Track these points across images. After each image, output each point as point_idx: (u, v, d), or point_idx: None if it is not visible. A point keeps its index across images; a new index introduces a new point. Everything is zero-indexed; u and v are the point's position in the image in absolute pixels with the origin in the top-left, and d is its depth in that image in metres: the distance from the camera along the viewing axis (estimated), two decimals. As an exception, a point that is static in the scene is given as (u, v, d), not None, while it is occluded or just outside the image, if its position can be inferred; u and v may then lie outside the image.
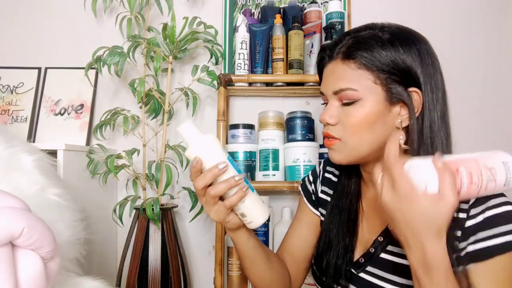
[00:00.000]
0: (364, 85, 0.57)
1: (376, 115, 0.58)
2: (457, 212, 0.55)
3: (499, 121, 1.29)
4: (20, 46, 1.30)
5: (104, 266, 1.17)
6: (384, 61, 0.57)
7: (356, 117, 0.58)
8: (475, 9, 1.31)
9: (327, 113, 0.61)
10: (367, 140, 0.59)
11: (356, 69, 0.58)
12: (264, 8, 1.23)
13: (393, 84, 0.57)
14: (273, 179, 1.11)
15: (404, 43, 0.57)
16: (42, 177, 0.70)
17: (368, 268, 0.62)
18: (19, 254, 0.48)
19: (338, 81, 0.59)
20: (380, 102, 0.57)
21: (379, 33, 0.58)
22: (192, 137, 0.59)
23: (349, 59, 0.58)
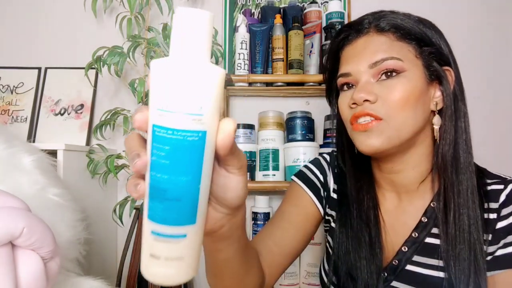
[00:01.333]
0: (407, 57, 0.53)
1: (419, 91, 0.53)
2: (487, 213, 0.53)
3: (499, 121, 1.29)
4: (20, 46, 1.30)
5: (104, 266, 1.16)
6: (422, 36, 0.54)
7: (402, 91, 0.52)
8: (475, 9, 1.31)
9: (364, 89, 0.53)
10: (412, 120, 0.52)
11: (396, 40, 0.54)
12: (264, 8, 1.23)
13: (432, 60, 0.54)
14: (273, 179, 1.11)
15: (433, 26, 0.57)
16: (42, 177, 0.70)
17: (393, 283, 0.55)
18: (19, 254, 0.48)
19: (377, 52, 0.53)
20: (421, 78, 0.53)
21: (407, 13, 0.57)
22: None
23: (387, 30, 0.54)
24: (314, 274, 1.06)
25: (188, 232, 0.30)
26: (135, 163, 0.28)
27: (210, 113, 0.28)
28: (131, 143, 0.31)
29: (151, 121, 0.29)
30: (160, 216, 0.29)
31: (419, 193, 0.58)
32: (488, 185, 0.55)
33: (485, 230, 0.51)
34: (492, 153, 1.27)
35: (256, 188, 1.10)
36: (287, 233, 0.62)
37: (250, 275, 0.50)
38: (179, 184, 0.28)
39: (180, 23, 0.29)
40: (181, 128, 0.28)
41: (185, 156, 0.28)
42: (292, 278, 1.09)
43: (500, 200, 0.52)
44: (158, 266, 0.30)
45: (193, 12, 0.29)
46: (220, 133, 0.29)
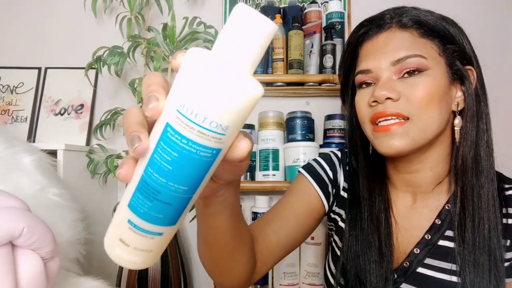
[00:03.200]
0: (431, 55, 0.52)
1: (443, 91, 0.51)
2: (506, 218, 0.52)
3: (499, 121, 1.29)
4: (20, 46, 1.30)
5: (104, 266, 1.16)
6: (446, 34, 0.53)
7: (426, 89, 0.50)
8: (475, 8, 1.31)
9: (386, 86, 0.51)
10: (437, 120, 0.50)
11: (419, 36, 0.52)
12: (264, 8, 1.23)
13: (454, 59, 0.53)
14: (273, 179, 1.11)
15: (455, 24, 0.55)
16: (42, 177, 0.70)
17: (403, 286, 0.54)
18: (19, 254, 0.48)
19: (400, 49, 0.51)
20: (445, 76, 0.52)
21: (430, 11, 0.55)
22: None
23: (411, 27, 0.53)
24: (314, 274, 1.06)
25: (165, 232, 0.29)
26: (136, 148, 0.25)
27: (233, 132, 0.26)
28: (132, 118, 0.27)
29: (166, 118, 0.25)
30: (144, 212, 0.27)
31: (434, 194, 0.57)
32: (506, 190, 0.54)
33: (504, 236, 0.50)
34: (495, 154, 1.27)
35: (256, 188, 1.10)
36: (288, 223, 0.59)
37: (241, 253, 0.48)
38: (175, 191, 0.26)
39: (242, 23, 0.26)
40: (198, 142, 0.25)
41: (191, 169, 0.26)
42: (292, 278, 1.09)
43: None
44: (125, 252, 0.29)
45: (261, 18, 0.26)
46: (235, 150, 0.28)
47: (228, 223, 0.41)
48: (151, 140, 0.26)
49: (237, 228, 0.44)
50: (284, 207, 0.61)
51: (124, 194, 0.29)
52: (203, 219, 0.41)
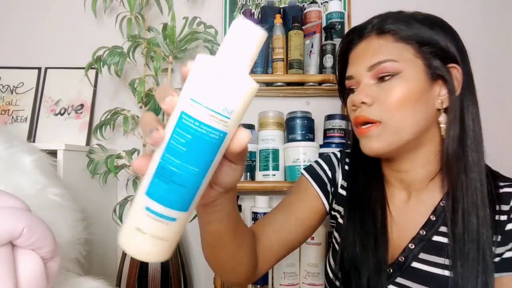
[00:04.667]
0: (404, 57, 0.54)
1: (419, 91, 0.53)
2: (498, 215, 0.52)
3: (499, 121, 1.29)
4: (20, 46, 1.30)
5: (104, 266, 1.17)
6: (423, 35, 0.54)
7: (398, 92, 0.52)
8: (476, 8, 1.31)
9: (362, 92, 0.55)
10: (411, 120, 0.53)
11: (394, 41, 0.55)
12: (264, 8, 1.23)
13: (434, 59, 0.54)
14: (273, 179, 1.11)
15: (439, 24, 0.57)
16: (42, 177, 0.70)
17: (398, 280, 0.55)
18: (19, 254, 0.48)
19: (374, 55, 0.55)
20: (422, 77, 0.53)
21: (415, 13, 0.58)
22: None
23: (386, 33, 0.56)
24: (314, 274, 1.06)
25: (179, 218, 0.32)
26: (153, 134, 0.30)
27: (236, 118, 0.31)
28: (148, 119, 0.32)
29: (181, 108, 0.31)
30: (160, 196, 0.31)
31: (428, 191, 0.58)
32: (500, 188, 0.55)
33: (495, 231, 0.51)
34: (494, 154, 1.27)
35: (256, 188, 1.10)
36: (288, 223, 0.61)
37: (242, 253, 0.51)
38: (188, 172, 0.31)
39: (237, 31, 0.32)
40: (208, 124, 0.30)
41: (202, 149, 0.30)
42: (292, 278, 1.09)
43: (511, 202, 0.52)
44: (142, 241, 0.32)
45: (252, 26, 0.32)
46: (236, 140, 0.32)
47: (228, 228, 0.45)
48: (167, 130, 0.31)
49: (237, 231, 0.47)
50: (285, 208, 0.64)
51: (140, 185, 0.33)
52: (204, 225, 0.45)
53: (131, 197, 1.07)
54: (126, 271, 1.04)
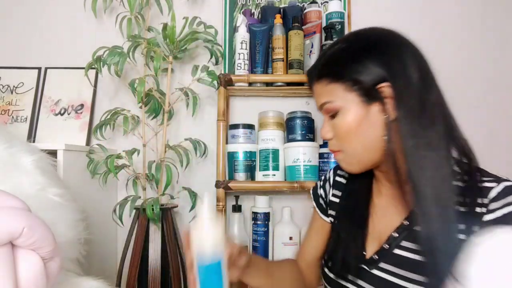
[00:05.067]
0: (338, 96, 0.61)
1: (359, 119, 0.60)
2: (479, 207, 0.55)
3: (499, 122, 1.29)
4: (20, 46, 1.30)
5: (104, 266, 1.17)
6: (348, 71, 0.60)
7: (343, 126, 0.61)
8: (476, 8, 1.31)
9: (323, 130, 0.66)
10: (361, 144, 0.61)
11: (327, 84, 0.62)
12: (264, 8, 1.23)
13: (362, 87, 0.59)
14: (273, 179, 1.11)
15: (361, 48, 0.60)
16: (42, 177, 0.70)
17: (381, 265, 0.61)
18: (19, 254, 0.48)
19: (318, 98, 0.65)
20: (358, 106, 0.60)
21: (341, 46, 0.62)
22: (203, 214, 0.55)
23: (321, 78, 0.64)
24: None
25: None
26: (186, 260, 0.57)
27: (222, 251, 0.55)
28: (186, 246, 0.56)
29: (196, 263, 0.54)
30: None
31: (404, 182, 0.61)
32: (482, 182, 0.57)
33: (474, 223, 0.54)
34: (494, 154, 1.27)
35: (256, 188, 1.10)
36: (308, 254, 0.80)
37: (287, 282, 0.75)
38: None
39: None
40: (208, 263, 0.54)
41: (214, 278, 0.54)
42: (292, 278, 1.09)
43: (490, 195, 0.55)
44: None
45: None
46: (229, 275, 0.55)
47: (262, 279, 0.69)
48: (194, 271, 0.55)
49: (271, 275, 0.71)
50: (304, 242, 0.82)
51: None
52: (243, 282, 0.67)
53: (131, 197, 1.07)
54: (126, 271, 1.04)
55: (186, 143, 1.15)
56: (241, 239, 1.11)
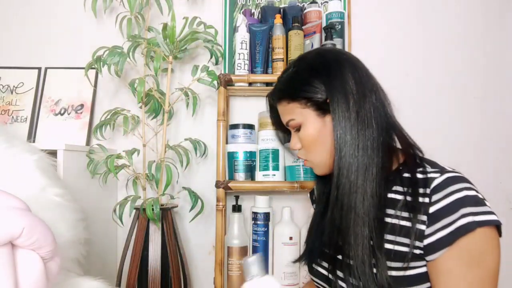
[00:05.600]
0: (297, 113, 0.70)
1: (317, 130, 0.69)
2: (422, 197, 0.60)
3: (499, 121, 1.29)
4: (20, 46, 1.30)
5: (104, 266, 1.17)
6: (299, 91, 0.69)
7: (306, 139, 0.70)
8: (476, 8, 1.31)
9: (292, 142, 0.75)
10: (324, 152, 0.69)
11: (286, 104, 0.72)
12: (264, 8, 1.23)
13: (314, 103, 0.68)
14: (273, 179, 1.11)
15: (306, 70, 0.70)
16: (43, 177, 0.70)
17: None
18: (19, 254, 0.48)
19: (283, 117, 0.74)
20: (314, 119, 0.69)
21: (292, 70, 0.72)
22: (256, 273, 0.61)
23: (280, 100, 0.73)
24: (314, 274, 1.06)
25: None
26: None
27: None
28: None
29: None
30: None
31: None
32: (427, 173, 0.62)
33: (419, 211, 0.59)
34: (494, 153, 1.27)
35: (256, 188, 1.10)
36: None
37: None
38: None
39: None
40: None
41: None
42: (292, 278, 1.09)
43: (432, 186, 0.60)
44: None
45: None
46: None
47: None
48: None
49: None
50: None
51: None
52: None
53: (131, 197, 1.07)
54: (126, 271, 1.04)
55: (186, 143, 1.15)
56: (241, 239, 1.11)
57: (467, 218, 0.55)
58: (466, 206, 0.56)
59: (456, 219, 0.56)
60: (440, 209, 0.58)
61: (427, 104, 1.28)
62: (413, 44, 1.29)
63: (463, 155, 1.25)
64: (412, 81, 1.28)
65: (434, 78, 1.29)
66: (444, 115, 1.28)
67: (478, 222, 0.55)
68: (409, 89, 1.28)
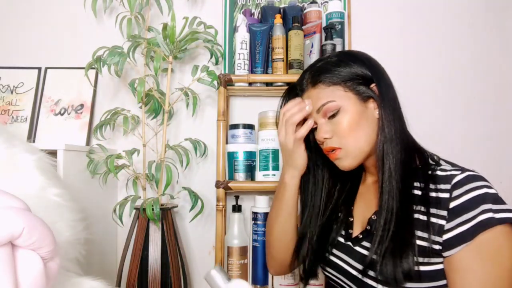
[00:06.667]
0: (338, 95, 0.70)
1: (358, 115, 0.69)
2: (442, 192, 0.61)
3: (499, 121, 1.29)
4: (20, 46, 1.30)
5: (104, 266, 1.17)
6: (343, 74, 0.70)
7: (344, 122, 0.69)
8: (476, 8, 1.31)
9: (321, 131, 0.72)
10: (362, 137, 0.69)
11: (326, 87, 0.71)
12: (264, 8, 1.23)
13: (359, 87, 0.70)
14: (273, 179, 1.11)
15: (350, 58, 0.72)
16: (42, 177, 0.70)
17: (363, 243, 0.71)
18: (19, 254, 0.48)
19: (317, 101, 0.72)
20: (356, 103, 0.69)
21: (329, 60, 0.73)
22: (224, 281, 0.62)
23: (316, 84, 0.72)
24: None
25: None
26: None
27: None
28: None
29: None
30: None
31: None
32: (448, 171, 0.64)
33: (438, 206, 0.61)
34: (493, 153, 1.27)
35: (256, 188, 1.10)
36: None
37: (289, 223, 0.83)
38: None
39: None
40: None
41: None
42: (292, 278, 1.09)
43: (452, 182, 0.61)
44: None
45: None
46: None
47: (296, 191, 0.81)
48: None
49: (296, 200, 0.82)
50: None
51: None
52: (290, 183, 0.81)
53: (131, 197, 1.07)
54: (126, 271, 1.04)
55: (186, 143, 1.15)
56: (241, 239, 1.11)
57: (487, 214, 0.56)
58: (487, 203, 0.57)
59: (476, 214, 0.57)
60: (461, 204, 0.58)
61: (427, 104, 1.28)
62: (413, 44, 1.29)
63: (463, 155, 1.25)
64: (412, 81, 1.28)
65: (434, 78, 1.29)
66: (444, 115, 1.28)
67: (498, 219, 0.56)
68: (410, 89, 1.28)
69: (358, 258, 0.70)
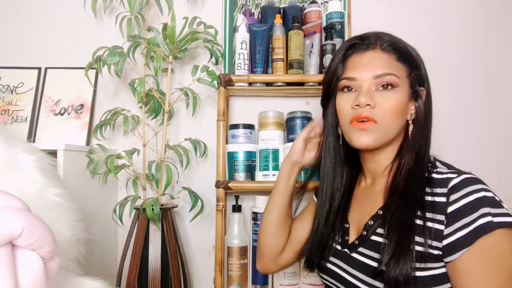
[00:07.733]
0: (401, 75, 0.67)
1: (404, 104, 0.67)
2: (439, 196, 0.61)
3: (499, 121, 1.29)
4: (20, 46, 1.30)
5: (104, 266, 1.17)
6: (413, 61, 0.69)
7: (394, 101, 0.65)
8: (476, 8, 1.31)
9: (368, 95, 0.66)
10: (396, 124, 0.67)
11: (396, 60, 0.68)
12: (264, 8, 1.23)
13: (415, 82, 0.69)
14: (273, 179, 1.11)
15: (418, 53, 0.72)
16: (42, 177, 0.70)
17: (360, 249, 0.69)
18: (19, 254, 0.48)
19: (381, 66, 0.66)
20: (406, 94, 0.67)
21: (407, 44, 0.71)
22: None
23: (392, 51, 0.68)
24: (314, 274, 1.06)
25: None
26: None
27: None
28: None
29: None
30: None
31: (384, 177, 0.72)
32: (444, 174, 0.64)
33: (434, 211, 0.60)
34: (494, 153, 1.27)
35: (256, 188, 1.10)
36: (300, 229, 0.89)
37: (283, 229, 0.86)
38: None
39: None
40: None
41: None
42: (292, 278, 1.09)
43: (449, 185, 0.60)
44: None
45: None
46: None
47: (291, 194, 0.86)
48: None
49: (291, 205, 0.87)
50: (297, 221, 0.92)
51: None
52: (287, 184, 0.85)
53: (131, 197, 1.07)
54: (126, 271, 1.04)
55: (186, 143, 1.15)
56: (241, 239, 1.11)
57: (486, 218, 0.56)
58: (485, 206, 0.56)
59: (475, 218, 0.56)
60: (459, 208, 0.58)
61: (427, 104, 1.28)
62: (412, 44, 1.29)
63: (463, 155, 1.25)
64: (412, 81, 1.28)
65: (434, 78, 1.28)
66: (443, 115, 1.28)
67: (497, 223, 0.55)
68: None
69: (356, 266, 0.68)
